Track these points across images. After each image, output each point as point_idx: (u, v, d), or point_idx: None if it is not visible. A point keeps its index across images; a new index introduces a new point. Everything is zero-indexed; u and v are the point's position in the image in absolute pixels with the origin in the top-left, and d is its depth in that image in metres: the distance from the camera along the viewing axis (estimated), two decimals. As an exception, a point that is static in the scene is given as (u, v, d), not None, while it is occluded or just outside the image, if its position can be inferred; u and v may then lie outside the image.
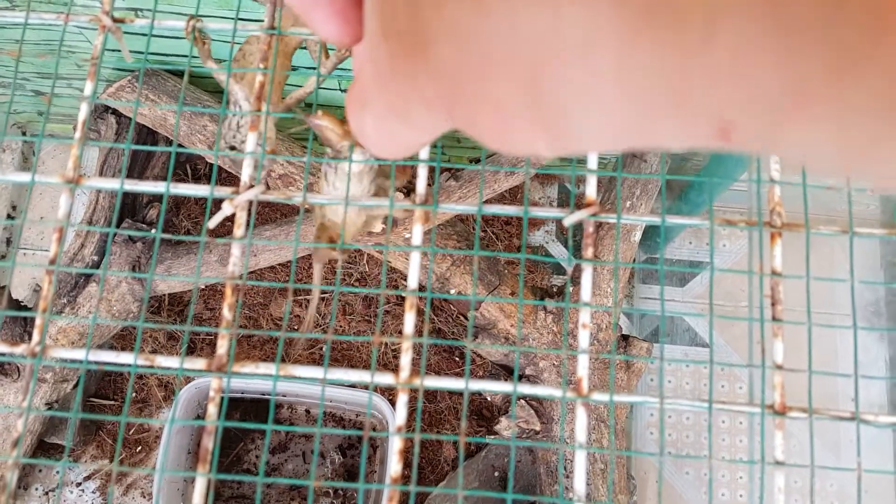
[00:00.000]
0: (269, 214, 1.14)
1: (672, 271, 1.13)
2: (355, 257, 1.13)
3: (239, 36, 0.58)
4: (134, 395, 1.13)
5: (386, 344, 1.16)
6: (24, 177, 0.51)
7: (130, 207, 0.95)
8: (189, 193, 0.49)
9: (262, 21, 0.56)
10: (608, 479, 0.92)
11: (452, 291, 0.92)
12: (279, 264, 1.09)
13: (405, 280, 1.17)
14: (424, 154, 0.51)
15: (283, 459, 1.11)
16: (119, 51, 0.93)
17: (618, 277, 0.97)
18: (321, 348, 1.14)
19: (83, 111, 0.52)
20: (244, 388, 1.10)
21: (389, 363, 1.14)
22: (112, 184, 0.50)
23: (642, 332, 1.08)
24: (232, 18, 0.48)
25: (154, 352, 1.10)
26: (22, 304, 0.97)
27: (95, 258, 0.91)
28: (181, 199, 1.11)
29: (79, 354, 0.49)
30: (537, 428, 0.88)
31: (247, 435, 1.11)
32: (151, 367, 0.48)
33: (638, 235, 0.89)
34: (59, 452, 1.13)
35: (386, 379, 0.47)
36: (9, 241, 1.19)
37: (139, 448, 1.13)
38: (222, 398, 0.49)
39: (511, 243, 1.10)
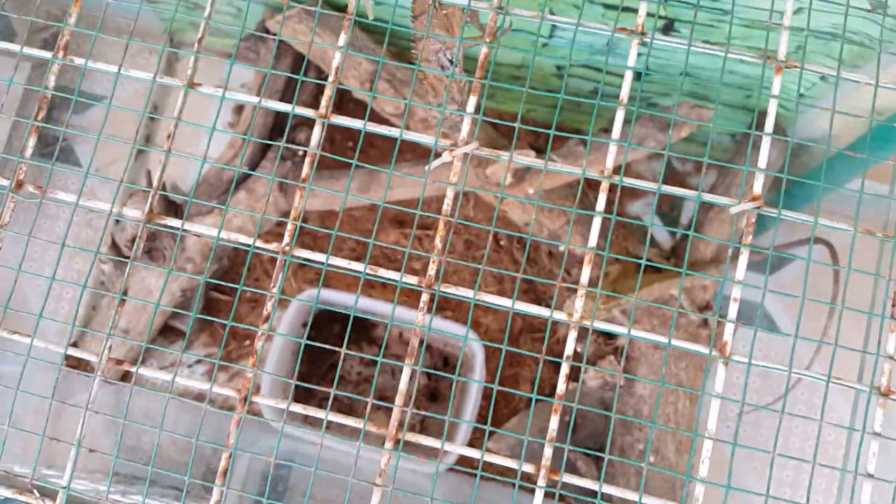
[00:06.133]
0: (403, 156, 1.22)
1: (765, 258, 1.18)
2: (463, 201, 1.21)
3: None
4: (249, 293, 1.25)
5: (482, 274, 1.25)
6: None
7: (280, 128, 1.04)
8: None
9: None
10: (676, 437, 1.00)
11: (562, 249, 1.00)
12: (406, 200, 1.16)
13: (514, 235, 1.25)
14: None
15: (374, 372, 1.22)
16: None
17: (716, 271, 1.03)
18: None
19: None
20: (348, 304, 1.20)
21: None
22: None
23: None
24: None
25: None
26: (170, 199, 1.07)
27: (245, 170, 1.01)
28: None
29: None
30: (621, 383, 0.97)
31: (344, 346, 1.22)
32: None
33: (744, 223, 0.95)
34: (177, 336, 1.26)
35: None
36: (148, 138, 1.30)
37: (247, 342, 1.25)
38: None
39: (621, 211, 1.17)
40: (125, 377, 1.26)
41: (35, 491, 0.52)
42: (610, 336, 1.01)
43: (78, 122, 1.28)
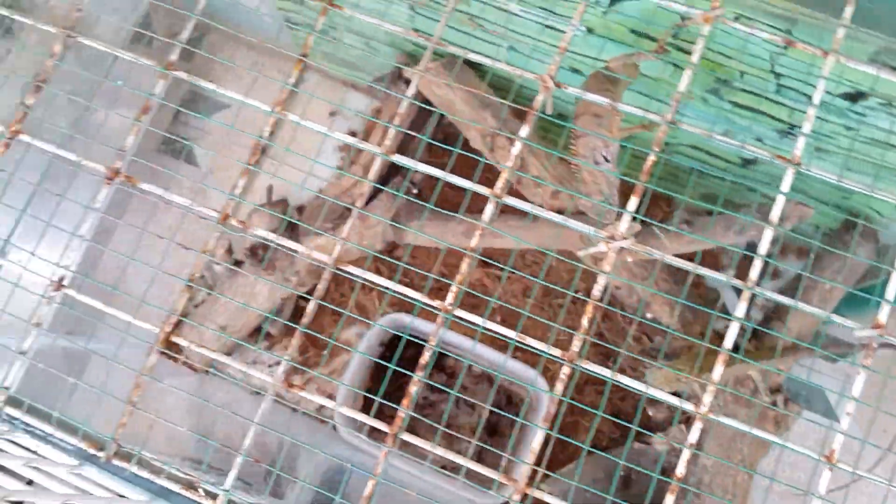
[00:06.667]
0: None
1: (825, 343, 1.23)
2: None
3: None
4: (335, 307, 1.32)
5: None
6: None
7: (398, 166, 1.12)
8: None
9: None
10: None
11: (648, 315, 1.06)
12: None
13: (589, 291, 1.31)
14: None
15: (441, 398, 1.28)
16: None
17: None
18: (501, 319, 1.30)
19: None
20: (426, 332, 1.27)
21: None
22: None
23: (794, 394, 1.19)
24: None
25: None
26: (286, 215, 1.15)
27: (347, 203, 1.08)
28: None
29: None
30: (688, 445, 1.02)
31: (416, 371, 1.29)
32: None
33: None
34: (264, 337, 1.33)
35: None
36: (263, 150, 1.38)
37: (324, 351, 1.33)
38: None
39: (698, 281, 1.23)
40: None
41: (201, 490, 0.59)
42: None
43: (201, 125, 1.37)
